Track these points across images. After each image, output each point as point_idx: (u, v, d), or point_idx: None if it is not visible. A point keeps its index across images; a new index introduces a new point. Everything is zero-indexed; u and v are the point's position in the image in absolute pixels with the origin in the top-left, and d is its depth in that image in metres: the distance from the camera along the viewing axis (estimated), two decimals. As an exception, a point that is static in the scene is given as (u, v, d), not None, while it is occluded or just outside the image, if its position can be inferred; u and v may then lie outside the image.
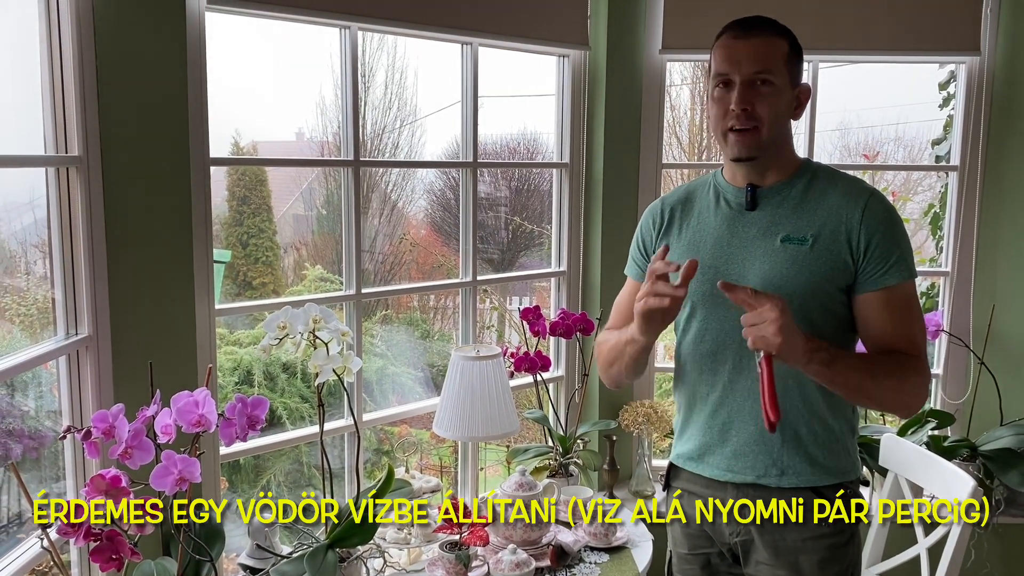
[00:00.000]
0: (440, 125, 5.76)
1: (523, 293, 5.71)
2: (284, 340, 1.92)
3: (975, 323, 2.98)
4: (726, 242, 1.67)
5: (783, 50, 1.60)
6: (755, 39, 1.60)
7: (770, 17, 1.64)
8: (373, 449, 4.46)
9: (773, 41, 1.60)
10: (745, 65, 1.59)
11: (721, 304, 1.65)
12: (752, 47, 1.59)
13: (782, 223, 1.63)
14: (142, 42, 1.95)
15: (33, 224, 2.11)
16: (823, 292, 1.60)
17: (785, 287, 1.58)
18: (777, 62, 1.59)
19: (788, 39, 1.62)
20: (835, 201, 1.62)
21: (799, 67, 1.65)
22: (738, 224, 1.68)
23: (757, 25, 1.61)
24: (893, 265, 1.58)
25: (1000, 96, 2.88)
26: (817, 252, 1.60)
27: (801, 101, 1.66)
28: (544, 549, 2.35)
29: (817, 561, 1.64)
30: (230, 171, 5.27)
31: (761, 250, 1.63)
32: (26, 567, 1.76)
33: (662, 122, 2.97)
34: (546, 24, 2.78)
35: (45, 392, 2.12)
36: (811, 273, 1.59)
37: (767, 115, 1.59)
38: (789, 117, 1.65)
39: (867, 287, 1.59)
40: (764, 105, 1.59)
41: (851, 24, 2.85)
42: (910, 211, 4.88)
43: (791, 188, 1.66)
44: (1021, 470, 2.67)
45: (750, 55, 1.59)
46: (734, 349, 1.65)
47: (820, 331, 1.59)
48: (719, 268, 1.66)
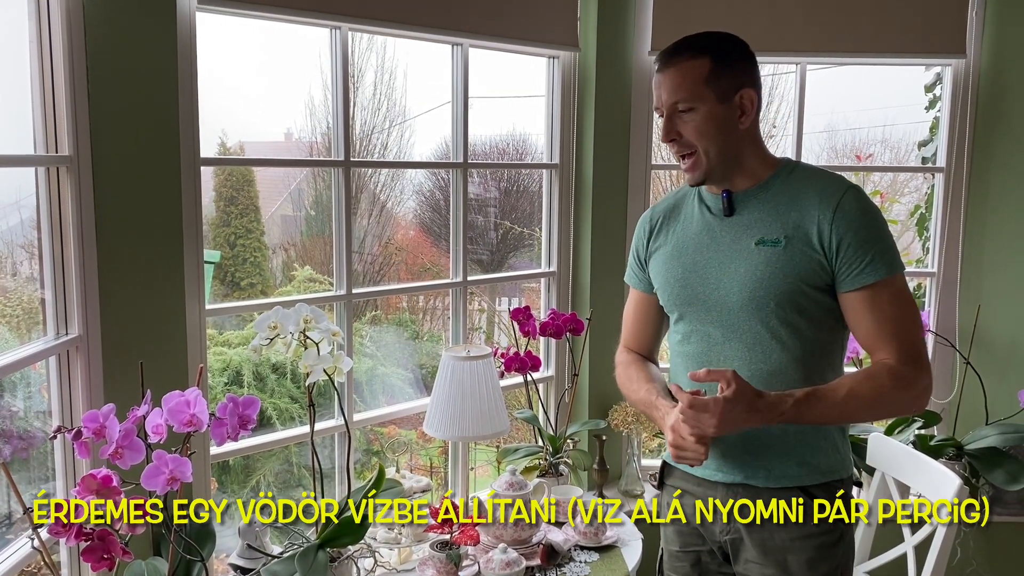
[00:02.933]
0: (429, 126, 5.76)
1: (512, 294, 5.72)
2: (275, 340, 1.92)
3: (961, 323, 3.01)
4: (705, 247, 1.70)
5: (702, 71, 1.59)
6: (672, 69, 1.61)
7: (702, 32, 1.63)
8: (363, 449, 4.46)
9: (690, 65, 1.59)
10: (665, 96, 1.63)
11: (703, 308, 1.69)
12: (668, 77, 1.62)
13: (757, 226, 1.64)
14: (133, 41, 1.94)
15: (20, 224, 2.11)
16: (801, 293, 1.60)
17: (761, 289, 1.60)
18: (695, 86, 1.59)
19: (712, 54, 1.59)
20: (809, 200, 1.61)
21: (733, 78, 1.61)
22: (717, 229, 1.69)
23: (676, 52, 1.62)
24: (870, 263, 1.56)
25: (985, 98, 2.91)
26: (791, 253, 1.60)
27: (745, 108, 1.62)
28: (534, 548, 2.36)
29: (805, 560, 1.65)
30: (217, 171, 5.24)
31: (738, 254, 1.65)
32: (15, 568, 1.75)
33: (651, 123, 2.98)
34: (536, 26, 2.79)
35: (34, 393, 2.11)
36: (786, 274, 1.59)
37: (695, 138, 1.62)
38: (732, 129, 1.63)
39: (846, 286, 1.59)
40: (689, 130, 1.61)
41: (838, 27, 2.87)
42: (897, 212, 4.91)
43: (767, 190, 1.66)
44: (1006, 469, 2.70)
45: (667, 86, 1.62)
46: (718, 351, 1.68)
47: (803, 332, 1.61)
48: (700, 273, 1.69)
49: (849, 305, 1.60)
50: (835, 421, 1.63)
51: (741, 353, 1.65)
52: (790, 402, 1.51)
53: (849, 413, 1.59)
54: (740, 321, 1.64)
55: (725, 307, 1.65)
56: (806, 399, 1.53)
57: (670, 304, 1.76)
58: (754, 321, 1.63)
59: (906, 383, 1.56)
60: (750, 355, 1.64)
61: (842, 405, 1.54)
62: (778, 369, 1.62)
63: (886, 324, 1.57)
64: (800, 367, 1.62)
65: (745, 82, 1.63)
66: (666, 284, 1.75)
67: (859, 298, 1.58)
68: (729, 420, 1.48)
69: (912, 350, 1.58)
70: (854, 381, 1.56)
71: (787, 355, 1.62)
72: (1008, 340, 2.96)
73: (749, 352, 1.64)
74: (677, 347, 1.77)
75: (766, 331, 1.62)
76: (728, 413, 1.47)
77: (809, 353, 1.63)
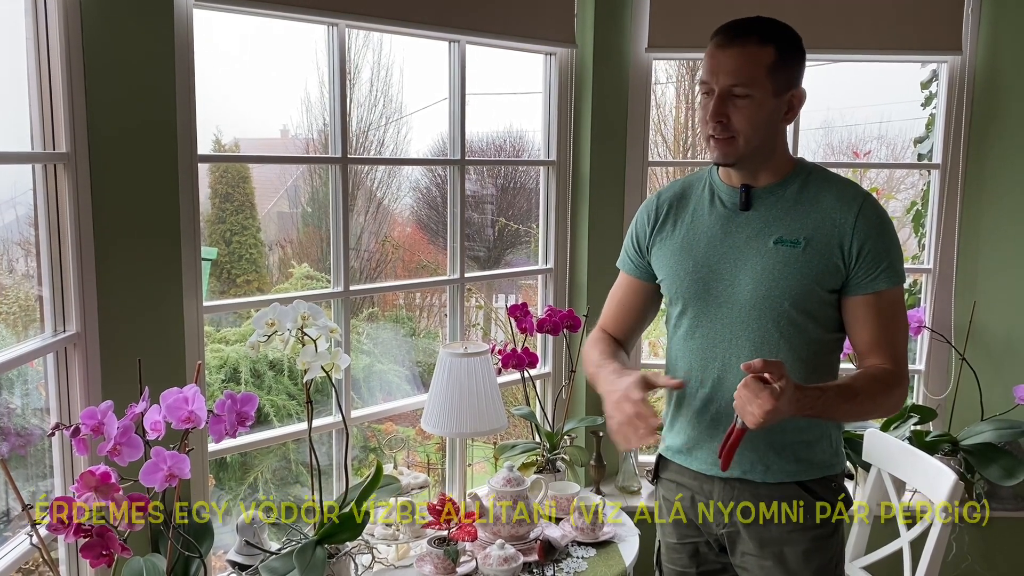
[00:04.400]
0: (425, 123, 5.76)
1: (509, 291, 5.72)
2: (272, 337, 1.92)
3: (956, 319, 3.01)
4: (719, 242, 1.68)
5: (767, 60, 1.56)
6: (736, 49, 1.56)
7: (767, 18, 1.60)
8: (360, 446, 4.46)
9: (755, 51, 1.56)
10: (722, 77, 1.57)
11: (712, 303, 1.67)
12: (731, 58, 1.56)
13: (775, 224, 1.64)
14: (130, 38, 1.94)
15: (16, 221, 2.11)
16: (814, 294, 1.61)
17: (777, 288, 1.61)
18: (757, 73, 1.56)
19: (777, 45, 1.57)
20: (829, 204, 1.62)
21: (790, 73, 1.60)
22: (732, 224, 1.68)
23: (744, 32, 1.57)
24: (883, 271, 1.59)
25: (981, 95, 2.91)
26: (809, 255, 1.60)
27: (793, 106, 1.62)
28: (532, 544, 2.37)
29: (802, 552, 1.67)
30: (212, 168, 5.22)
31: (754, 251, 1.64)
32: (12, 565, 1.75)
33: (648, 120, 2.98)
34: (533, 22, 2.79)
35: (31, 390, 2.11)
36: (802, 275, 1.60)
37: (743, 127, 1.58)
38: (776, 124, 1.62)
39: (856, 291, 1.61)
40: (740, 117, 1.57)
41: (834, 23, 2.88)
42: (893, 209, 4.92)
43: (785, 189, 1.66)
44: (1001, 464, 2.71)
45: (728, 67, 1.56)
46: (724, 347, 1.67)
47: (809, 332, 1.63)
48: (712, 267, 1.68)
49: (854, 308, 1.63)
50: (842, 419, 1.67)
51: (748, 350, 1.64)
52: (821, 397, 1.50)
53: (855, 412, 1.63)
54: (751, 319, 1.64)
55: (736, 303, 1.65)
56: (832, 394, 1.53)
57: (676, 296, 1.74)
58: (764, 319, 1.63)
59: (899, 388, 1.61)
60: (756, 352, 1.63)
61: (855, 405, 1.56)
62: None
63: (885, 330, 1.62)
64: (802, 366, 1.63)
65: (798, 81, 1.63)
66: (674, 276, 1.73)
67: (866, 303, 1.61)
68: (778, 412, 1.41)
69: (903, 358, 1.64)
70: (864, 383, 1.57)
71: (792, 354, 1.63)
72: (1003, 336, 2.97)
73: (756, 349, 1.64)
74: (680, 341, 1.75)
75: (775, 330, 1.63)
76: (781, 404, 1.40)
77: (813, 353, 1.65)
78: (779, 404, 1.40)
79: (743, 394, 1.44)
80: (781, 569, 1.68)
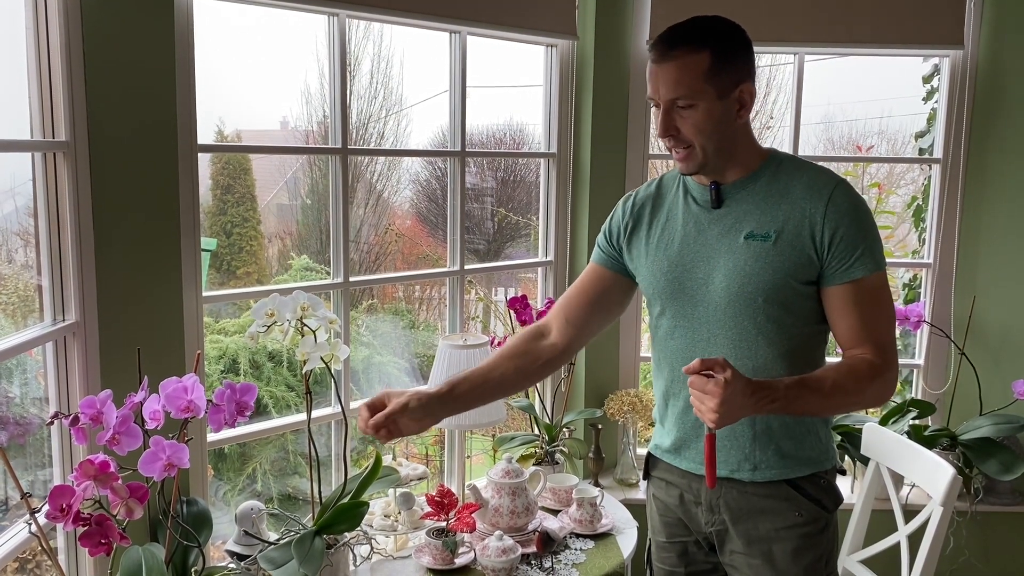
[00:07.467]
0: (426, 115, 5.74)
1: (509, 284, 5.72)
2: (272, 328, 1.92)
3: (956, 314, 3.02)
4: (692, 240, 1.67)
5: (703, 66, 1.52)
6: (671, 63, 1.54)
7: (702, 19, 1.57)
8: (359, 438, 4.46)
9: (690, 60, 1.53)
10: (663, 91, 1.55)
11: (688, 302, 1.66)
12: (668, 72, 1.54)
13: (746, 219, 1.62)
14: (130, 26, 1.94)
15: (15, 211, 2.10)
16: (788, 287, 1.58)
17: (750, 284, 1.59)
18: (695, 82, 1.53)
19: (713, 48, 1.53)
20: (799, 194, 1.59)
21: (732, 72, 1.56)
22: (704, 222, 1.66)
23: (675, 43, 1.54)
24: (858, 258, 1.55)
25: (983, 89, 2.91)
26: (781, 248, 1.58)
27: (745, 102, 1.59)
28: (530, 535, 2.37)
29: (791, 550, 1.65)
30: (214, 159, 5.22)
31: (726, 248, 1.62)
32: (12, 553, 1.75)
33: (649, 113, 2.98)
34: (534, 14, 2.78)
35: (30, 379, 2.11)
36: (775, 270, 1.58)
37: (694, 136, 1.56)
38: (730, 123, 1.59)
39: (833, 280, 1.58)
40: (688, 127, 1.56)
41: (835, 18, 2.87)
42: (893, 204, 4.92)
43: (755, 183, 1.64)
44: (1000, 459, 2.72)
45: (666, 80, 1.54)
46: (703, 346, 1.65)
47: (788, 327, 1.60)
48: (687, 267, 1.66)
49: (833, 298, 1.59)
50: (819, 413, 1.63)
51: (726, 348, 1.63)
52: (781, 388, 1.48)
53: (833, 406, 1.60)
54: (727, 316, 1.62)
55: (711, 301, 1.63)
56: (796, 386, 1.50)
57: (654, 298, 1.73)
58: (741, 316, 1.61)
59: (883, 379, 1.56)
60: (736, 350, 1.62)
61: (828, 398, 1.53)
62: (763, 364, 1.61)
63: (867, 320, 1.57)
64: (784, 362, 1.61)
65: (744, 76, 1.58)
66: (651, 276, 1.72)
67: (844, 292, 1.57)
68: (731, 402, 1.40)
69: (889, 347, 1.59)
70: (837, 374, 1.54)
71: (772, 350, 1.61)
72: (1003, 331, 2.97)
73: (735, 347, 1.62)
74: (661, 343, 1.74)
75: (752, 326, 1.61)
76: (730, 394, 1.38)
77: (794, 348, 1.63)
78: (727, 394, 1.37)
79: (693, 395, 1.43)
80: (770, 567, 1.66)
